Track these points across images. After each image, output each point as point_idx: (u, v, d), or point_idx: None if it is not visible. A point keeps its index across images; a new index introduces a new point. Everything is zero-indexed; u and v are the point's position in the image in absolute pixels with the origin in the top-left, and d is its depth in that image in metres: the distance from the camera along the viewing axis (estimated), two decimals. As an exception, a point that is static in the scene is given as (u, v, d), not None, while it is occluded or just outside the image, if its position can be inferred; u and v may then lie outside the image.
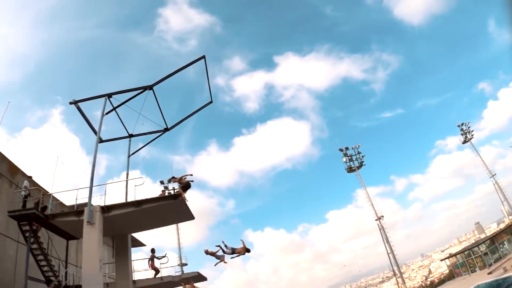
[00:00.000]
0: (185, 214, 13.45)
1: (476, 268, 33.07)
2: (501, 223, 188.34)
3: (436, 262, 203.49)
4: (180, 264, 36.46)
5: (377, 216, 44.69)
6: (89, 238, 11.42)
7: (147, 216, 12.90)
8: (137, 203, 11.92)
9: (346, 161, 48.80)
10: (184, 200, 12.32)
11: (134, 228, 14.25)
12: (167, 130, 16.18)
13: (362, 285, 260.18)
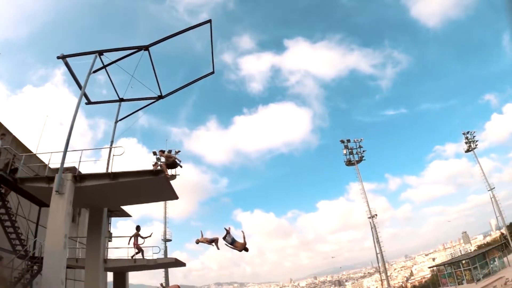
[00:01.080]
0: (168, 193, 12.06)
1: (464, 280, 32.36)
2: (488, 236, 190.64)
3: (419, 264, 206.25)
4: (164, 239, 35.46)
5: (371, 214, 43.74)
6: (57, 210, 10.11)
7: (124, 191, 11.58)
8: (113, 176, 10.52)
9: (346, 154, 47.54)
10: (167, 178, 10.95)
11: (110, 202, 12.94)
12: (161, 97, 14.71)
13: (343, 277, 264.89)
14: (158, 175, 10.44)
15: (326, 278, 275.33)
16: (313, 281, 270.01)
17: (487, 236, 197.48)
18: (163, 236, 35.57)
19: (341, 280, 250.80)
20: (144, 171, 10.57)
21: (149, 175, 10.48)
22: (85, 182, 10.67)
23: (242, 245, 10.88)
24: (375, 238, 42.99)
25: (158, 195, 12.42)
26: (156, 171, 10.41)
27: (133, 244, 14.42)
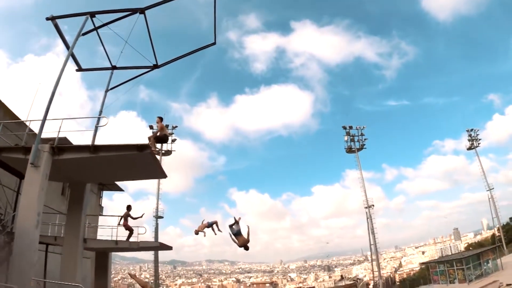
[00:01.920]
0: (155, 171, 11.01)
1: (456, 280, 31.98)
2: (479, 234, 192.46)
3: (408, 256, 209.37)
4: (155, 216, 34.89)
5: (368, 204, 43.29)
6: (31, 184, 9.13)
7: (107, 166, 10.56)
8: (94, 149, 9.43)
9: (347, 141, 46.65)
10: (153, 154, 9.85)
11: (92, 178, 11.93)
12: (157, 67, 13.46)
13: (333, 263, 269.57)
14: (143, 150, 9.30)
15: (316, 263, 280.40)
16: (303, 265, 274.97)
17: (478, 234, 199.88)
18: (155, 212, 34.98)
19: (331, 265, 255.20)
20: (127, 145, 9.44)
21: (133, 150, 9.33)
22: (64, 155, 9.62)
23: (244, 241, 10.28)
24: (370, 228, 42.72)
25: (145, 172, 11.35)
26: (140, 146, 9.24)
27: (123, 224, 13.61)
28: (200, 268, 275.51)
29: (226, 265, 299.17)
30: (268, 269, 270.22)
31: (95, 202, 28.13)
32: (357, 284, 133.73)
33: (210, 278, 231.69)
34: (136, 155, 9.40)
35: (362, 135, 46.94)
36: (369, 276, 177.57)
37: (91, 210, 27.44)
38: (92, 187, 27.37)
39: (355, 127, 47.03)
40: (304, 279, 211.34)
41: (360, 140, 46.63)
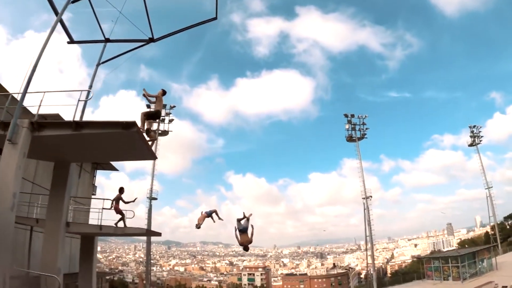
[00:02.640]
0: (143, 152, 10.13)
1: (450, 277, 31.79)
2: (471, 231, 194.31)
3: (401, 248, 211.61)
4: (149, 198, 34.21)
5: (366, 195, 42.88)
6: (7, 162, 8.31)
7: (92, 145, 9.70)
8: (76, 125, 8.54)
9: (349, 129, 45.84)
10: (140, 133, 8.95)
11: (77, 157, 11.08)
12: (153, 41, 12.50)
13: (326, 250, 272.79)
14: (129, 128, 8.39)
15: (309, 249, 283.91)
16: (296, 250, 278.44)
17: (471, 231, 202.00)
18: (149, 194, 34.27)
19: (324, 252, 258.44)
20: (112, 123, 8.53)
21: (118, 127, 8.43)
22: (44, 131, 8.75)
23: (247, 240, 9.72)
24: (367, 219, 42.44)
25: (133, 153, 10.47)
26: (126, 124, 8.32)
27: (114, 208, 12.89)
28: (194, 250, 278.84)
29: (220, 248, 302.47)
30: (261, 253, 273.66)
31: (88, 182, 27.51)
32: (349, 273, 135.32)
33: (204, 260, 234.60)
34: (122, 134, 8.51)
35: (363, 124, 46.24)
36: (361, 266, 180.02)
37: (84, 190, 26.86)
38: (85, 166, 26.71)
39: (357, 116, 46.23)
40: (297, 265, 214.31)
41: (362, 129, 45.97)
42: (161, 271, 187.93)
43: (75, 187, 24.83)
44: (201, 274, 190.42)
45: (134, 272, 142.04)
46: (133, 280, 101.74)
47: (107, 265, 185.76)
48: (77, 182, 25.21)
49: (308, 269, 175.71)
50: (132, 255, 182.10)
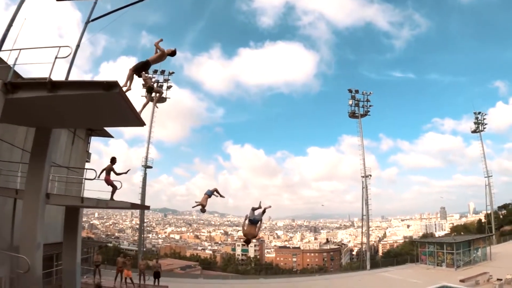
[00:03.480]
0: (130, 117, 8.92)
1: (443, 263, 31.69)
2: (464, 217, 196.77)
3: (393, 228, 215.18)
4: (144, 166, 33.45)
5: (365, 173, 42.35)
6: (-24, 127, 7.41)
7: (72, 109, 8.61)
8: (52, 86, 7.43)
9: (352, 105, 44.58)
10: (123, 95, 7.73)
11: (57, 122, 9.98)
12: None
13: (319, 225, 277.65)
14: (110, 89, 7.27)
15: (303, 223, 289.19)
16: (290, 223, 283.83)
17: (464, 217, 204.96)
18: (144, 162, 33.44)
19: (317, 227, 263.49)
20: (91, 82, 7.37)
21: (98, 88, 7.28)
22: (18, 93, 7.67)
23: (252, 233, 9.09)
24: (365, 198, 42.14)
25: (117, 117, 9.34)
26: (107, 84, 7.17)
27: (105, 179, 12.03)
28: (190, 218, 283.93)
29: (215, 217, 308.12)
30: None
31: (82, 148, 26.73)
32: (341, 249, 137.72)
33: (199, 229, 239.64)
34: (104, 96, 7.40)
35: (367, 101, 44.86)
36: (353, 242, 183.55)
37: (78, 157, 26.11)
38: (78, 132, 25.82)
39: (361, 92, 44.84)
40: (290, 237, 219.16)
41: (365, 106, 44.66)
42: (156, 238, 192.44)
43: (68, 154, 24.10)
44: (196, 242, 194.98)
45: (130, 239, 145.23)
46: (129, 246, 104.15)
47: (104, 231, 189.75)
48: (70, 148, 24.49)
49: (302, 243, 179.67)
50: (129, 222, 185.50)
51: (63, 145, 23.41)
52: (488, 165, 47.75)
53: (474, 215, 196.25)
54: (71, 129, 24.53)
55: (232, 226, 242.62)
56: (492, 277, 23.78)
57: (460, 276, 26.54)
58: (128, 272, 14.96)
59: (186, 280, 29.54)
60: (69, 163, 24.23)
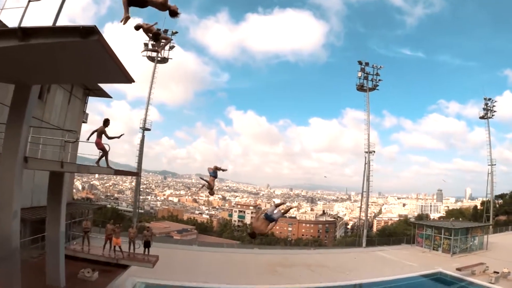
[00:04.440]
0: (115, 71, 7.57)
1: (440, 248, 31.49)
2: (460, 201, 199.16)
3: (389, 205, 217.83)
4: (142, 128, 32.31)
5: (369, 149, 41.57)
6: None
7: (48, 61, 7.42)
8: (23, 34, 6.20)
9: (361, 77, 42.94)
10: (103, 43, 6.37)
11: (36, 77, 8.74)
12: None
13: (317, 196, 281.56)
14: (88, 36, 5.97)
15: (300, 192, 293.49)
16: (288, 192, 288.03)
17: (459, 201, 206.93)
18: (143, 124, 32.26)
19: (314, 197, 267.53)
20: (65, 28, 6.10)
21: (74, 35, 6.00)
22: (-12, 44, 6.48)
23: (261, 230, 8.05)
24: (366, 174, 41.66)
25: (101, 72, 8.12)
26: (84, 30, 5.87)
27: (96, 142, 11.06)
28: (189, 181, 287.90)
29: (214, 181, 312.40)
30: (254, 191, 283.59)
31: (79, 109, 25.70)
32: (337, 222, 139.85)
33: (198, 192, 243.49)
34: (82, 44, 6.16)
35: (377, 74, 43.18)
36: (349, 216, 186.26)
37: (74, 117, 25.04)
38: (75, 92, 24.63)
39: (371, 65, 43.01)
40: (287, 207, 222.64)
41: (374, 80, 43.03)
42: (155, 200, 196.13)
43: (63, 114, 23.05)
44: (194, 206, 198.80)
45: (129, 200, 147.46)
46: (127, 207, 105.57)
47: (104, 192, 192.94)
48: (66, 108, 23.45)
49: (298, 213, 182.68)
50: (129, 183, 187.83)
51: (58, 104, 22.36)
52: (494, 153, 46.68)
53: (470, 200, 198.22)
54: (67, 88, 23.38)
55: (230, 191, 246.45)
56: (488, 268, 23.42)
57: (456, 264, 26.31)
58: (117, 240, 14.37)
59: (180, 246, 29.52)
60: (65, 123, 23.28)
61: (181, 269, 21.42)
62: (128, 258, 14.42)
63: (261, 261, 26.44)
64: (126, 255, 14.60)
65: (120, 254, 14.37)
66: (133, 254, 15.00)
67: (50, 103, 21.02)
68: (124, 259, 14.11)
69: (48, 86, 20.49)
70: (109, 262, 13.86)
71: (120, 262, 13.91)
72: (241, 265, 24.64)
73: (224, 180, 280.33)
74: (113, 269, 13.48)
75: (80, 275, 11.91)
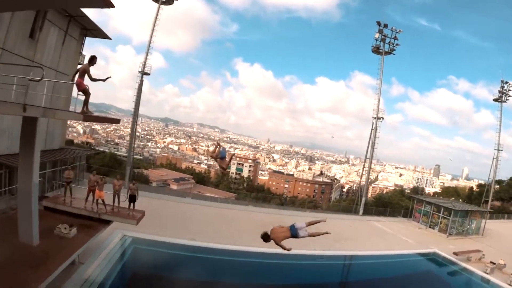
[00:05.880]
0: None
1: (436, 227, 30.97)
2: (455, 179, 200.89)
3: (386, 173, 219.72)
4: (141, 72, 29.94)
5: (377, 115, 39.98)
6: None
7: None
8: None
9: (378, 39, 40.11)
10: None
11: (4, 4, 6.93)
12: None
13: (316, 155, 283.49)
14: None
15: (300, 150, 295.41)
16: (287, 149, 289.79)
17: (455, 179, 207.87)
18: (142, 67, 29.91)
19: (313, 157, 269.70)
20: None
21: None
22: None
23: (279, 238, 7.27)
24: (372, 140, 40.50)
25: None
26: None
27: (77, 82, 9.45)
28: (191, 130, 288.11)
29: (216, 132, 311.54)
30: (254, 144, 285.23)
31: (75, 50, 23.82)
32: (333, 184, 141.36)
33: (198, 142, 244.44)
34: None
35: (395, 38, 40.20)
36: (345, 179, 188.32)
37: (69, 58, 23.17)
38: (71, 32, 22.58)
39: (390, 28, 39.93)
40: (286, 163, 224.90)
41: (392, 44, 40.20)
42: (155, 147, 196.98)
43: (57, 55, 21.26)
44: (193, 155, 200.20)
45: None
46: (126, 153, 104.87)
47: (104, 137, 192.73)
48: (60, 49, 21.62)
49: (296, 170, 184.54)
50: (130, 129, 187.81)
51: (51, 45, 20.62)
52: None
53: (466, 180, 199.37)
54: (62, 27, 21.30)
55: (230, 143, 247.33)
56: (484, 256, 22.85)
57: (451, 246, 25.83)
58: (100, 193, 13.22)
59: (173, 198, 28.93)
60: (58, 64, 21.57)
61: (171, 224, 20.77)
62: (111, 213, 13.37)
63: (255, 219, 25.88)
64: (109, 210, 13.56)
65: (103, 208, 13.31)
66: (117, 209, 13.97)
67: (42, 42, 19.51)
68: (106, 214, 13.05)
69: (41, 24, 18.64)
70: (91, 216, 12.81)
71: (102, 217, 12.86)
72: (234, 223, 24.08)
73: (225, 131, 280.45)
74: (94, 225, 12.46)
75: (57, 231, 10.88)
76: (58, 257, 9.64)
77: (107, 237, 15.65)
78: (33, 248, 9.81)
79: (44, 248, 9.86)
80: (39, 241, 10.14)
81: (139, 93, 29.88)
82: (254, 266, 17.77)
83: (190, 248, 17.48)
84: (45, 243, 10.20)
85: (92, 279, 12.39)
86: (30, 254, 9.40)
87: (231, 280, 15.82)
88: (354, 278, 20.01)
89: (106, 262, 13.86)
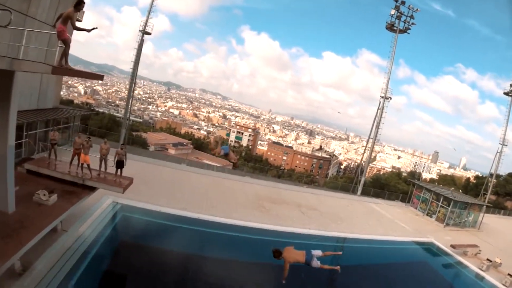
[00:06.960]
0: None
1: (434, 215, 30.48)
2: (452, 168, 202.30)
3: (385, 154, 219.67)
4: (142, 31, 27.98)
5: (385, 94, 38.89)
6: None
7: None
8: None
9: (393, 16, 38.27)
10: None
11: None
12: None
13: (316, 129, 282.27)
14: None
15: (301, 123, 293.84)
16: (288, 121, 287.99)
17: (452, 168, 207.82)
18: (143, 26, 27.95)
19: (314, 131, 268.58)
20: None
21: None
22: None
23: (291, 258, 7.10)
24: (378, 120, 39.66)
25: None
26: None
27: (58, 30, 8.11)
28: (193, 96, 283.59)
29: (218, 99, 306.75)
30: (255, 113, 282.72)
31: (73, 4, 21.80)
32: (332, 160, 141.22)
33: (199, 107, 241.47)
34: None
35: (412, 17, 38.40)
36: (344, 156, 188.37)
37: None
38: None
39: (408, 6, 38.02)
40: (286, 134, 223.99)
41: (407, 21, 38.41)
42: (156, 111, 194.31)
43: (53, 10, 19.49)
44: (193, 120, 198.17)
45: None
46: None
47: (105, 98, 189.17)
48: (57, 3, 19.83)
49: (295, 143, 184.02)
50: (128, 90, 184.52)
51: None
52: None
53: (463, 170, 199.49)
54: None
55: (232, 111, 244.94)
56: (480, 252, 22.40)
57: (448, 236, 25.45)
58: (86, 157, 12.16)
59: (168, 164, 28.06)
60: (54, 18, 19.83)
61: (164, 191, 19.98)
62: (96, 178, 12.39)
63: (250, 192, 25.29)
64: (95, 175, 12.59)
65: (88, 173, 12.33)
66: (104, 174, 13.00)
67: (35, 2, 17.71)
68: (91, 180, 12.07)
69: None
70: (75, 181, 11.85)
71: (87, 183, 11.89)
72: (228, 194, 23.40)
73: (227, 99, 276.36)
74: (78, 191, 11.51)
75: (36, 198, 9.93)
76: (33, 226, 8.75)
77: (95, 203, 14.87)
78: (8, 216, 8.89)
79: (20, 217, 8.95)
80: (15, 208, 9.22)
81: (139, 53, 28.21)
82: (247, 242, 17.19)
83: (180, 219, 16.82)
84: (22, 211, 9.29)
85: (75, 247, 11.67)
86: (3, 223, 8.48)
87: (221, 256, 15.19)
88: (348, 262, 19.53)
89: (91, 230, 13.12)
